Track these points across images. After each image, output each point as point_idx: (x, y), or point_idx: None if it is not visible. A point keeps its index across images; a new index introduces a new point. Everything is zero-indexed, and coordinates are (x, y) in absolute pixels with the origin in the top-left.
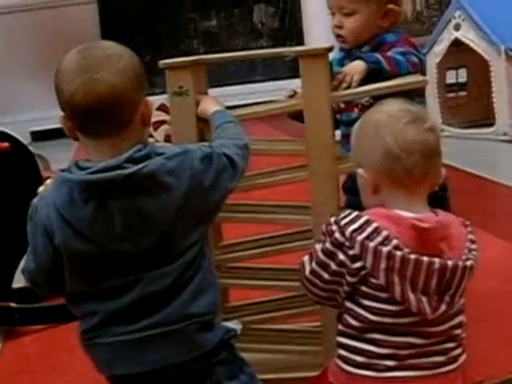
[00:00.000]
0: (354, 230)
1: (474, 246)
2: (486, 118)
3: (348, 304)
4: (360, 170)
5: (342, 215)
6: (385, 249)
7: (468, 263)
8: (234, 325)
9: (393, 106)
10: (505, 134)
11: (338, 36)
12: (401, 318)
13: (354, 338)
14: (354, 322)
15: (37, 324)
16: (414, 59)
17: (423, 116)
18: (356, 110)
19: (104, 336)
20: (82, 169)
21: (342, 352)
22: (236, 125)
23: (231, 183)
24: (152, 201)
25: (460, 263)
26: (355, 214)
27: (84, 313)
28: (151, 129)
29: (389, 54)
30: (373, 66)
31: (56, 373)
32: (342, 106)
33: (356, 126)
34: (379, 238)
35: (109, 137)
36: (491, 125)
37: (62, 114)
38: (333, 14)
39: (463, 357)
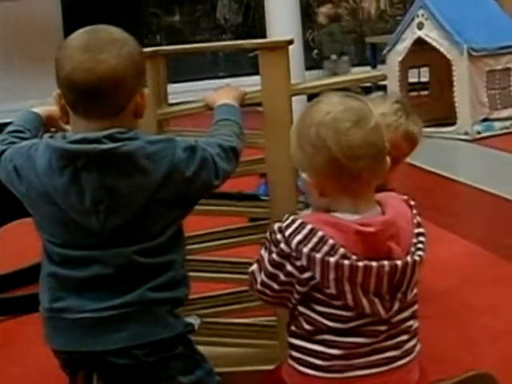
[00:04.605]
0: (300, 242)
1: (420, 230)
2: (447, 117)
3: (301, 309)
4: (304, 175)
5: (286, 223)
6: (332, 259)
7: (416, 257)
8: (193, 319)
9: (334, 106)
10: (466, 134)
11: None
12: (355, 321)
13: (305, 340)
14: (307, 327)
15: None
16: None
17: (366, 114)
18: None
19: (72, 312)
20: (65, 138)
21: (295, 353)
22: (233, 124)
23: (214, 180)
24: (125, 182)
25: (409, 259)
26: (298, 222)
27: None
28: None
29: None
30: None
31: (12, 363)
32: None
33: (294, 125)
34: (326, 248)
35: (100, 119)
36: (453, 124)
37: (57, 91)
38: None
39: (418, 347)
